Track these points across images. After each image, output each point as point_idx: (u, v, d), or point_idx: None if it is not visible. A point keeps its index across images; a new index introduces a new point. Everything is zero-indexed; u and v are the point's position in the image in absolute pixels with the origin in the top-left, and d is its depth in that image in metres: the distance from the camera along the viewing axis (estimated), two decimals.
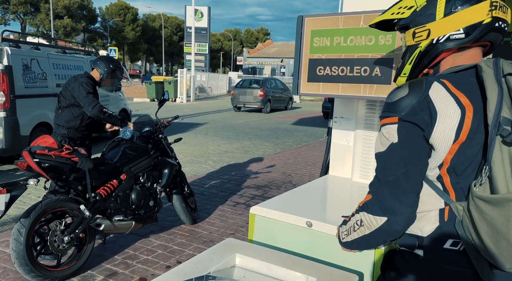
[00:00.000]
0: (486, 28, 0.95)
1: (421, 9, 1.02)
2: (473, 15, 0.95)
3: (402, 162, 0.95)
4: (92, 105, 3.24)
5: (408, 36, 1.06)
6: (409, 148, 0.95)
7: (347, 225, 1.09)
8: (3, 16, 41.50)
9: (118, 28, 54.10)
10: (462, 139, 0.91)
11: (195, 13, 27.26)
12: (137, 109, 15.58)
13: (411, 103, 0.94)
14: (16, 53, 5.70)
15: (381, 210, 0.96)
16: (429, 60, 1.03)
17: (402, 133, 0.95)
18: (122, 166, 3.17)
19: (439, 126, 0.92)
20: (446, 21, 0.98)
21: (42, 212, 2.63)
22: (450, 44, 0.98)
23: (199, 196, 4.79)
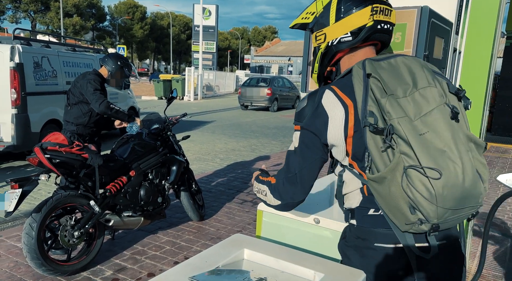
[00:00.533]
0: (370, 30, 1.11)
1: (319, 15, 1.18)
2: (357, 20, 1.10)
3: (298, 164, 1.13)
4: (99, 101, 3.27)
5: (313, 39, 1.21)
6: (305, 153, 1.12)
7: (259, 185, 1.31)
8: (14, 14, 42.01)
9: (126, 27, 54.44)
10: (350, 133, 1.06)
11: (203, 12, 27.31)
12: (145, 107, 15.68)
13: (308, 113, 1.11)
14: (27, 51, 5.78)
15: (279, 195, 1.20)
16: (328, 60, 1.19)
17: (301, 139, 1.13)
18: (131, 163, 3.21)
19: (331, 128, 1.08)
20: (337, 26, 1.13)
21: (53, 207, 2.68)
22: (341, 45, 1.14)
23: (207, 193, 4.82)
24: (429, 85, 1.02)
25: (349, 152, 1.11)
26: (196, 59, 27.61)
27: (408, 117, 0.97)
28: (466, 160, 0.99)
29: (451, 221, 1.02)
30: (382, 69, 1.03)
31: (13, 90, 5.48)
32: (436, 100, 1.01)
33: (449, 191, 0.96)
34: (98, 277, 2.81)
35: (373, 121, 0.99)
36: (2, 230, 3.53)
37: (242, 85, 17.69)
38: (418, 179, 0.95)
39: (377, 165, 1.00)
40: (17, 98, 5.51)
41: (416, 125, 0.97)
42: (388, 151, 0.99)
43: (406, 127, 0.96)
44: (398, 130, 0.96)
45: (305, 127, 1.12)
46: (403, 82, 1.01)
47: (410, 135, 0.96)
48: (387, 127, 0.96)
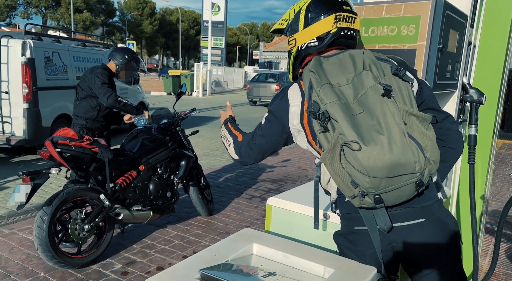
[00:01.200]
0: (334, 36, 1.23)
1: (291, 21, 1.30)
2: (322, 27, 1.23)
3: (259, 137, 1.31)
4: (107, 94, 3.30)
5: (286, 43, 1.34)
6: (266, 131, 1.29)
7: (225, 132, 1.48)
8: (25, 10, 42.46)
9: (136, 22, 54.64)
10: (305, 120, 1.20)
11: (212, 7, 27.26)
12: (154, 102, 15.74)
13: (276, 100, 1.28)
14: (39, 46, 5.83)
15: (239, 152, 1.37)
16: (299, 62, 1.32)
17: (266, 119, 1.30)
18: (140, 157, 3.23)
19: (291, 114, 1.23)
20: (305, 32, 1.26)
21: (64, 200, 2.70)
22: (309, 50, 1.27)
23: (215, 188, 4.83)
24: (363, 69, 1.13)
25: (310, 139, 1.23)
26: (205, 54, 27.62)
27: (344, 100, 1.09)
28: (395, 131, 1.05)
29: (390, 191, 1.09)
30: (329, 64, 1.16)
31: (24, 85, 5.54)
32: (370, 82, 1.11)
33: (375, 160, 1.04)
34: (108, 270, 2.83)
35: (313, 109, 1.11)
36: (14, 222, 3.58)
37: (251, 81, 17.65)
38: (351, 154, 1.05)
39: (323, 146, 1.13)
40: (29, 93, 5.58)
41: (353, 108, 1.08)
42: (331, 134, 1.10)
43: (336, 109, 1.07)
44: (330, 113, 1.08)
45: (270, 110, 1.29)
46: (347, 71, 1.14)
47: (341, 116, 1.06)
48: (319, 112, 1.09)
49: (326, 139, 1.12)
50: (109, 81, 3.42)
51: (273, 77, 17.28)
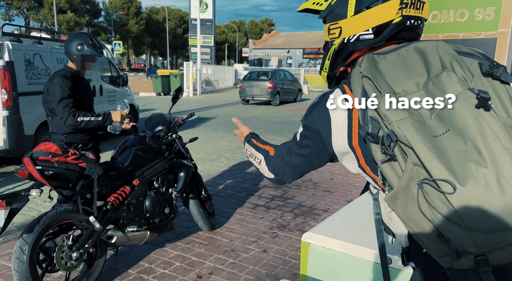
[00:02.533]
0: (396, 28, 0.92)
1: (335, 3, 0.99)
2: (382, 15, 0.91)
3: (293, 156, 1.05)
4: (64, 117, 2.70)
5: (325, 31, 1.03)
6: (302, 150, 1.03)
7: (252, 150, 1.25)
8: (6, 12, 41.28)
9: (122, 22, 53.70)
10: (355, 142, 0.90)
11: (200, 4, 26.72)
12: (144, 104, 15.27)
13: (312, 112, 0.99)
14: (18, 48, 5.38)
15: (273, 169, 1.14)
16: (343, 59, 1.01)
17: (302, 136, 1.02)
18: (134, 171, 2.86)
19: (334, 132, 0.93)
20: (356, 20, 0.94)
21: (47, 226, 2.34)
22: (360, 44, 0.96)
23: (215, 197, 4.48)
24: (443, 70, 0.81)
25: (362, 164, 0.94)
26: (194, 53, 27.14)
27: (417, 116, 0.78)
28: (504, 161, 0.73)
29: (504, 249, 0.74)
30: (388, 64, 0.86)
31: (3, 91, 5.10)
32: (456, 87, 0.79)
33: (479, 207, 0.71)
34: None
35: (372, 130, 0.82)
36: (1, 244, 3.19)
37: (243, 79, 17.29)
38: (437, 197, 0.73)
39: (391, 183, 0.82)
40: (8, 99, 5.13)
41: (431, 126, 0.76)
42: (401, 163, 0.79)
43: (408, 130, 0.76)
44: (399, 135, 0.77)
45: (305, 125, 1.02)
46: (416, 73, 0.83)
47: (416, 139, 0.75)
48: (383, 134, 0.79)
49: (394, 171, 0.81)
50: (73, 87, 2.80)
51: (266, 74, 16.94)
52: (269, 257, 3.10)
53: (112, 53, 37.35)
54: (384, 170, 0.82)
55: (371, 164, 0.91)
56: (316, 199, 4.51)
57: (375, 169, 0.90)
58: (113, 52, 36.60)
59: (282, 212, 4.08)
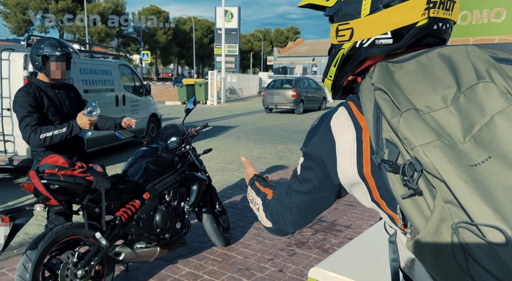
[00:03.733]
0: (421, 32, 0.75)
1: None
2: (404, 15, 0.74)
3: (296, 194, 0.88)
4: (26, 138, 2.44)
5: (332, 32, 0.87)
6: (304, 185, 0.87)
7: (253, 194, 1.07)
8: (42, 24, 43.36)
9: (150, 32, 55.19)
10: (367, 170, 0.74)
11: (225, 14, 27.03)
12: (169, 112, 15.47)
13: (313, 137, 0.83)
14: None
15: (270, 216, 0.96)
16: (353, 67, 0.84)
17: (303, 167, 0.87)
18: (145, 184, 2.77)
19: (340, 159, 0.78)
20: (372, 20, 0.77)
21: (52, 242, 2.26)
22: (375, 50, 0.79)
23: (232, 210, 4.34)
24: (479, 80, 0.63)
25: (375, 197, 0.76)
26: (219, 62, 27.38)
27: (447, 140, 0.60)
28: None
29: None
30: (405, 74, 0.69)
31: None
32: (497, 101, 0.61)
33: None
34: None
35: (389, 156, 0.64)
36: (5, 260, 3.17)
37: (266, 87, 17.21)
38: (481, 248, 0.55)
39: (416, 225, 0.63)
40: None
41: (464, 151, 0.59)
42: (428, 200, 0.61)
43: (438, 157, 0.58)
44: (425, 164, 0.59)
45: (306, 154, 0.85)
46: (442, 85, 0.66)
47: (449, 170, 0.57)
48: (405, 162, 0.61)
49: (419, 209, 0.62)
50: (40, 101, 2.51)
51: (289, 82, 16.79)
52: (286, 277, 2.91)
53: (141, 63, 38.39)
54: (406, 207, 0.64)
55: (388, 199, 0.73)
56: (338, 213, 4.29)
57: (393, 205, 0.73)
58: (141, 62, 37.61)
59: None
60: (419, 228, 0.62)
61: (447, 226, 0.58)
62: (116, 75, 7.39)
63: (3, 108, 5.22)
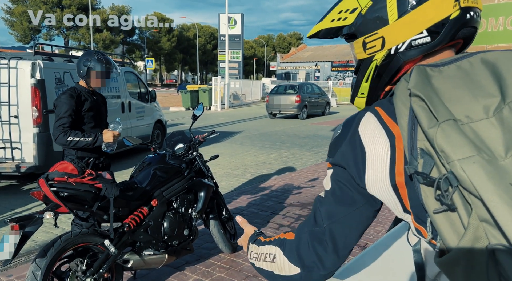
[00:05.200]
0: (456, 24, 0.73)
1: (367, 11, 0.79)
2: (436, 10, 0.73)
3: (328, 214, 0.80)
4: (55, 135, 2.78)
5: (357, 48, 0.84)
6: (338, 199, 0.79)
7: (259, 248, 0.93)
8: (48, 32, 43.80)
9: (154, 40, 55.60)
10: (400, 180, 0.70)
11: (229, 21, 27.20)
12: (173, 118, 15.52)
13: (340, 145, 0.79)
14: (49, 66, 5.54)
15: (297, 258, 0.82)
16: (391, 75, 0.81)
17: (333, 180, 0.80)
18: (152, 190, 2.77)
19: (370, 169, 0.74)
20: (403, 23, 0.75)
21: (61, 249, 2.26)
22: (413, 52, 0.76)
23: None
24: None
25: (407, 207, 0.72)
26: (222, 68, 27.52)
27: (487, 155, 0.56)
28: None
29: None
30: (443, 79, 0.66)
31: (34, 108, 5.24)
32: None
33: None
34: None
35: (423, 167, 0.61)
36: (13, 267, 3.17)
37: (270, 93, 17.26)
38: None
39: (446, 240, 0.60)
40: (39, 116, 5.27)
41: (506, 168, 0.55)
42: (462, 216, 0.58)
43: (477, 174, 0.55)
44: (462, 179, 0.56)
45: (336, 163, 0.79)
46: (484, 93, 0.62)
47: (488, 188, 0.54)
48: (440, 177, 0.59)
49: (452, 225, 0.60)
50: (79, 106, 2.85)
51: (293, 88, 16.82)
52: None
53: (145, 69, 38.61)
54: (438, 222, 0.61)
55: (416, 211, 0.70)
56: None
57: (421, 218, 0.70)
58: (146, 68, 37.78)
59: None
60: (451, 244, 0.60)
61: (481, 246, 0.56)
62: (122, 82, 7.43)
63: (10, 115, 5.26)
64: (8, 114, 5.27)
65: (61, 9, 42.16)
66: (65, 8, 42.13)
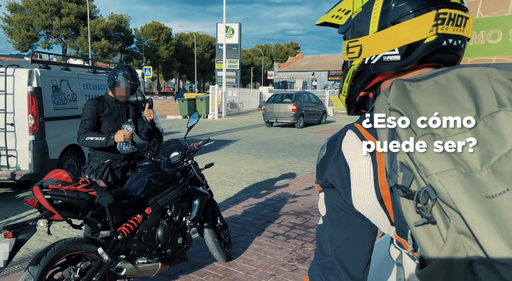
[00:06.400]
0: (429, 49, 0.74)
1: (356, 16, 0.81)
2: (411, 32, 0.74)
3: (331, 240, 0.78)
4: (79, 134, 3.08)
5: (343, 49, 0.86)
6: (335, 223, 0.78)
7: None
8: (46, 40, 43.95)
9: (152, 48, 55.88)
10: (385, 194, 0.71)
11: (226, 30, 27.42)
12: (170, 126, 15.54)
13: (326, 165, 0.79)
14: (46, 75, 5.57)
15: None
16: (363, 83, 0.84)
17: (327, 202, 0.80)
18: (147, 198, 2.78)
19: (355, 186, 0.74)
20: (380, 37, 0.77)
21: (54, 257, 2.26)
22: (384, 66, 0.78)
23: (233, 224, 4.32)
24: (500, 108, 0.61)
25: (392, 220, 0.73)
26: (220, 77, 27.64)
27: (464, 168, 0.58)
28: None
29: None
30: (421, 94, 0.67)
31: (30, 116, 5.25)
32: None
33: None
34: None
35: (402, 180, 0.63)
36: (5, 276, 3.15)
37: (267, 102, 17.33)
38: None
39: (426, 252, 0.61)
40: (35, 124, 5.28)
41: (481, 181, 0.57)
42: (441, 228, 0.59)
43: (454, 187, 0.56)
44: (440, 192, 0.58)
45: (326, 185, 0.78)
46: (460, 108, 0.63)
47: (465, 201, 0.55)
48: (419, 190, 0.60)
49: (431, 238, 0.61)
50: (102, 111, 3.14)
51: (289, 97, 16.92)
52: None
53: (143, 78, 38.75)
54: (418, 234, 0.62)
55: (398, 223, 0.71)
56: None
57: (402, 230, 0.71)
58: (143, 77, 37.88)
59: (302, 243, 3.86)
60: (431, 256, 0.61)
61: (459, 258, 0.57)
62: None
63: (6, 123, 5.26)
64: (4, 122, 5.27)
65: (59, 18, 42.37)
66: (63, 17, 42.35)
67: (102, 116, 3.17)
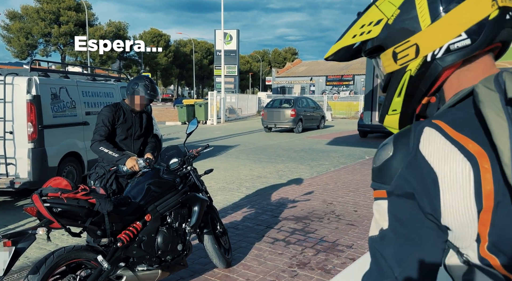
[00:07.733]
0: (496, 24, 0.67)
1: (395, 20, 0.73)
2: (473, 11, 0.67)
3: (397, 260, 0.66)
4: (93, 140, 3.14)
5: (386, 60, 0.76)
6: (404, 239, 0.66)
7: None
8: (45, 48, 44.08)
9: (151, 55, 56.02)
10: (488, 205, 0.59)
11: (224, 37, 27.56)
12: (169, 132, 15.55)
13: (399, 168, 0.67)
14: (45, 82, 5.59)
15: None
16: (428, 85, 0.73)
17: (393, 214, 0.67)
18: (146, 205, 2.78)
19: (445, 194, 0.62)
20: (438, 28, 0.69)
21: (54, 265, 2.25)
22: (452, 57, 0.69)
23: (233, 230, 4.32)
24: None
25: (483, 236, 0.61)
26: (218, 83, 27.72)
27: None
28: None
29: None
30: None
31: (29, 124, 5.26)
32: None
33: None
34: None
35: None
36: None
37: (265, 107, 17.39)
38: None
39: None
40: (34, 132, 5.28)
41: None
42: None
43: None
44: None
45: (396, 193, 0.66)
46: None
47: None
48: None
49: None
50: (116, 119, 3.22)
51: (288, 102, 16.96)
52: None
53: None
54: None
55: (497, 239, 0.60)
56: (339, 233, 4.27)
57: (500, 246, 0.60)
58: None
59: (302, 248, 3.85)
60: None
61: None
62: (118, 97, 7.47)
63: (5, 131, 5.27)
64: (3, 130, 5.28)
65: (58, 26, 42.54)
66: (62, 25, 42.53)
67: (117, 124, 3.24)
